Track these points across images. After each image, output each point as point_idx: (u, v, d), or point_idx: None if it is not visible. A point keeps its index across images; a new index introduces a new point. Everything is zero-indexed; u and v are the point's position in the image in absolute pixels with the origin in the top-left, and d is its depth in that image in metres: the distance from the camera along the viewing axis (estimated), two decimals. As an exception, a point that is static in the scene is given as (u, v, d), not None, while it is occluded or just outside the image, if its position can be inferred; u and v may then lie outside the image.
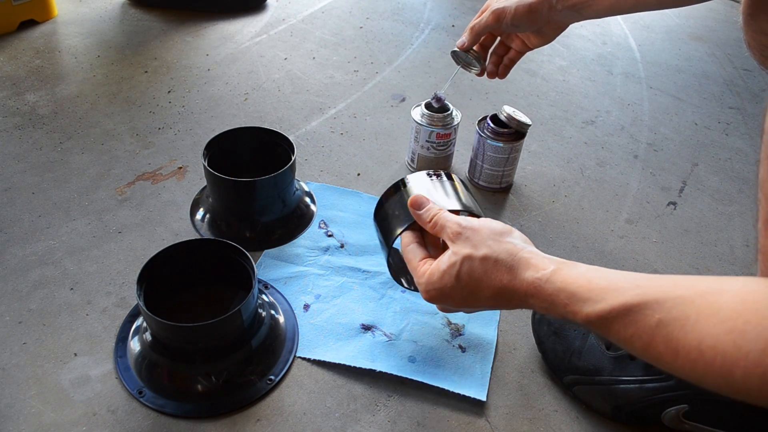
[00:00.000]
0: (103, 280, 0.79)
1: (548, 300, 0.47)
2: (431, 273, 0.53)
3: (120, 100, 1.13)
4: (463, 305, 0.53)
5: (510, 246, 0.50)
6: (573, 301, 0.45)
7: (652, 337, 0.41)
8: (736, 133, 1.20)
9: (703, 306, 0.39)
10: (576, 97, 1.26)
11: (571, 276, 0.46)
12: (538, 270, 0.48)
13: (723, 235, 0.95)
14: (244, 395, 0.67)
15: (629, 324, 0.42)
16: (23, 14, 1.30)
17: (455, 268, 0.51)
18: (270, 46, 1.34)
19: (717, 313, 0.38)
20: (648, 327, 0.41)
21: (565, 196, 1.00)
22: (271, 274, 0.81)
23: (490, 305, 0.52)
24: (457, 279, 0.51)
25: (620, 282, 0.44)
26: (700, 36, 1.57)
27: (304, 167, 1.00)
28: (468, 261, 0.50)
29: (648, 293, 0.42)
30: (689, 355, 0.39)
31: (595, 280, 0.45)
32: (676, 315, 0.40)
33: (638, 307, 0.41)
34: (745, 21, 0.62)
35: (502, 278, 0.49)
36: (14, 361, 0.69)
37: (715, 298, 0.39)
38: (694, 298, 0.40)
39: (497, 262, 0.49)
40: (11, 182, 0.92)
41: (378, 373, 0.70)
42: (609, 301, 0.43)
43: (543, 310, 0.48)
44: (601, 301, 0.43)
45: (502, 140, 0.93)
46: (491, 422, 0.67)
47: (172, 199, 0.92)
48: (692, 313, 0.39)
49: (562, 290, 0.46)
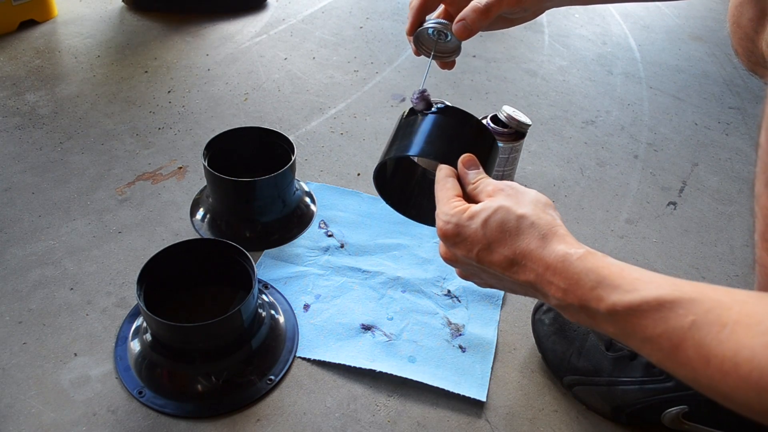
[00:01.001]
0: (103, 280, 0.79)
1: (573, 279, 0.43)
2: (462, 209, 0.49)
3: (120, 100, 1.13)
4: (472, 258, 0.49)
5: (551, 218, 0.47)
6: (602, 285, 0.41)
7: (683, 339, 0.37)
8: (736, 133, 1.20)
9: (743, 314, 0.36)
10: (576, 97, 1.26)
11: (605, 261, 0.43)
12: (572, 246, 0.45)
13: (723, 235, 0.95)
14: (244, 395, 0.67)
15: (660, 321, 0.39)
16: (23, 14, 1.30)
17: (486, 213, 0.47)
18: (270, 46, 1.34)
19: (758, 324, 0.35)
20: (680, 327, 0.38)
21: (565, 196, 1.00)
22: (271, 274, 0.81)
23: (501, 267, 0.47)
24: (484, 225, 0.47)
25: (655, 277, 0.41)
26: (700, 36, 1.57)
27: (304, 167, 1.00)
28: (503, 212, 0.47)
29: (685, 291, 0.39)
30: (722, 365, 0.35)
31: (628, 269, 0.42)
32: (713, 319, 0.37)
33: (673, 304, 0.38)
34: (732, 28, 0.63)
35: (530, 243, 0.46)
36: (14, 361, 0.69)
37: (756, 308, 0.36)
38: (732, 305, 0.37)
39: (533, 225, 0.46)
40: (11, 182, 0.92)
41: (378, 373, 0.70)
42: (642, 293, 0.40)
43: (559, 291, 0.44)
44: (632, 291, 0.40)
45: (502, 140, 0.93)
46: (491, 422, 0.67)
47: (172, 199, 0.92)
48: (730, 320, 0.36)
49: (592, 271, 0.42)
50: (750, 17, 0.60)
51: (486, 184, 0.51)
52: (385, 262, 0.84)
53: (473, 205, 0.49)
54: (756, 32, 0.59)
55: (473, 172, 0.53)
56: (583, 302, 0.42)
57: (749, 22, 0.60)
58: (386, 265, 0.83)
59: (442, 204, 0.51)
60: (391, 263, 0.84)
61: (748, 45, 0.61)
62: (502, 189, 0.49)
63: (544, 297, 0.46)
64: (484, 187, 0.51)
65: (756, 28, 0.59)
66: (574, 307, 0.43)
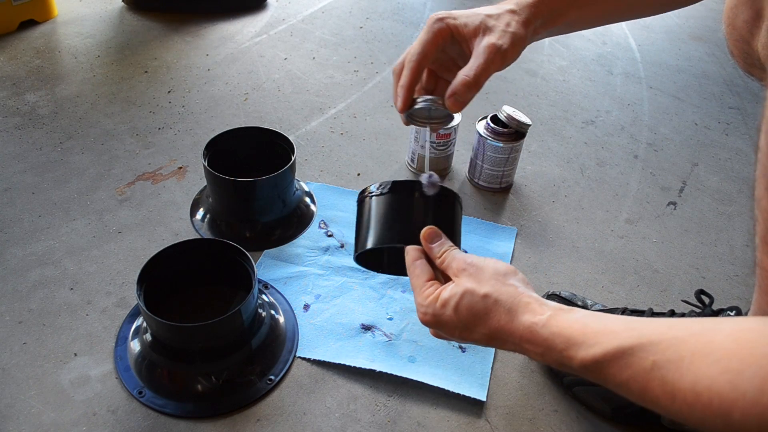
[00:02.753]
0: (103, 280, 0.79)
1: (543, 345, 0.46)
2: (433, 298, 0.52)
3: (120, 100, 1.13)
4: (456, 336, 0.52)
5: (512, 288, 0.50)
6: (568, 345, 0.44)
7: (648, 380, 0.40)
8: (736, 133, 1.20)
9: (698, 346, 0.38)
10: (576, 97, 1.26)
11: (567, 321, 0.46)
12: (536, 314, 0.47)
13: (723, 235, 0.95)
14: (244, 395, 0.67)
15: (624, 367, 0.41)
16: (23, 14, 1.30)
17: (455, 299, 0.50)
18: (270, 46, 1.34)
19: (711, 353, 0.37)
20: (643, 370, 0.40)
21: (565, 196, 1.00)
22: (271, 274, 0.81)
23: (484, 343, 0.51)
24: (456, 311, 0.50)
25: (614, 325, 0.43)
26: (700, 36, 1.57)
27: (304, 167, 1.00)
28: (469, 295, 0.50)
29: (642, 335, 0.41)
30: (686, 397, 0.37)
31: (591, 324, 0.44)
32: (671, 356, 0.39)
33: (632, 349, 0.41)
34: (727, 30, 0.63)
35: (500, 318, 0.49)
36: (14, 361, 0.69)
37: (709, 337, 0.38)
38: (687, 338, 0.39)
39: (497, 302, 0.49)
40: (11, 182, 0.92)
41: (378, 373, 0.70)
42: (603, 345, 0.42)
43: (538, 356, 0.47)
44: (595, 345, 0.43)
45: (502, 140, 0.93)
46: (491, 422, 0.67)
47: (172, 199, 0.92)
48: (687, 353, 0.38)
49: (558, 335, 0.45)
50: (745, 19, 0.59)
51: (451, 259, 0.53)
52: (385, 262, 0.84)
53: (443, 291, 0.52)
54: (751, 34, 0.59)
55: (437, 245, 0.55)
56: (559, 362, 0.45)
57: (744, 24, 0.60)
58: (386, 265, 0.83)
59: (416, 294, 0.54)
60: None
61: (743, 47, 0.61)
62: (464, 269, 0.52)
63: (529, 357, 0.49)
64: (449, 263, 0.53)
65: (751, 30, 0.59)
66: (553, 364, 0.47)
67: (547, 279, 0.84)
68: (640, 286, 0.85)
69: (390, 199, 0.59)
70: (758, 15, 0.57)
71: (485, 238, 0.89)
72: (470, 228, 0.91)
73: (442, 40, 0.61)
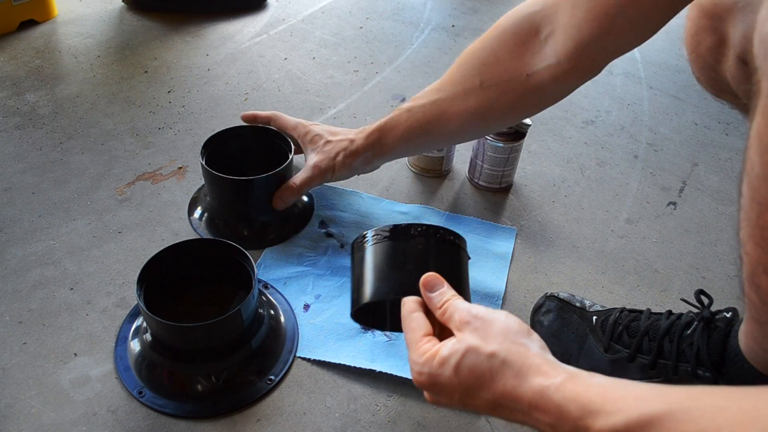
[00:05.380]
0: (103, 280, 0.79)
1: (555, 412, 0.40)
2: (430, 355, 0.46)
3: (120, 100, 1.13)
4: (456, 402, 0.46)
5: (523, 349, 0.44)
6: (584, 413, 0.38)
7: None
8: (736, 133, 1.20)
9: (738, 414, 0.33)
10: (576, 97, 1.26)
11: (584, 385, 0.40)
12: (548, 377, 0.41)
13: (723, 235, 0.95)
14: (244, 395, 0.67)
15: None
16: (23, 14, 1.30)
17: (456, 358, 0.44)
18: (270, 46, 1.34)
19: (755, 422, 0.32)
20: None
21: (565, 196, 1.00)
22: (271, 274, 0.81)
23: (487, 411, 0.44)
24: (456, 371, 0.44)
25: (640, 390, 0.38)
26: (700, 36, 1.57)
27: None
28: (473, 354, 0.44)
29: (673, 401, 0.35)
30: None
31: (611, 389, 0.39)
32: (706, 425, 0.33)
33: (660, 418, 0.35)
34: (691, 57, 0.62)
35: (506, 382, 0.42)
36: (14, 361, 0.69)
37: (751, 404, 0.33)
38: (729, 405, 0.33)
39: (505, 363, 0.43)
40: (11, 182, 0.92)
41: (378, 373, 0.70)
42: (626, 412, 0.36)
43: (549, 428, 0.40)
44: (616, 413, 0.37)
45: (502, 140, 0.93)
46: (491, 422, 0.67)
47: (172, 199, 0.92)
48: (727, 422, 0.32)
49: (573, 400, 0.39)
50: (708, 46, 0.59)
51: (453, 309, 0.48)
52: (385, 262, 0.84)
53: (443, 348, 0.46)
54: (717, 61, 0.58)
55: (437, 293, 0.50)
56: None
57: (708, 51, 0.59)
58: (386, 265, 0.83)
59: (411, 351, 0.48)
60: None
61: (710, 74, 0.60)
62: (468, 322, 0.46)
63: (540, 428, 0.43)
64: (451, 313, 0.48)
65: (717, 58, 0.58)
66: None
67: (547, 279, 0.84)
68: (640, 286, 0.85)
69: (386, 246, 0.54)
70: (722, 41, 0.56)
71: (485, 238, 0.89)
72: (470, 228, 0.91)
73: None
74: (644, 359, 0.65)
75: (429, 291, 0.51)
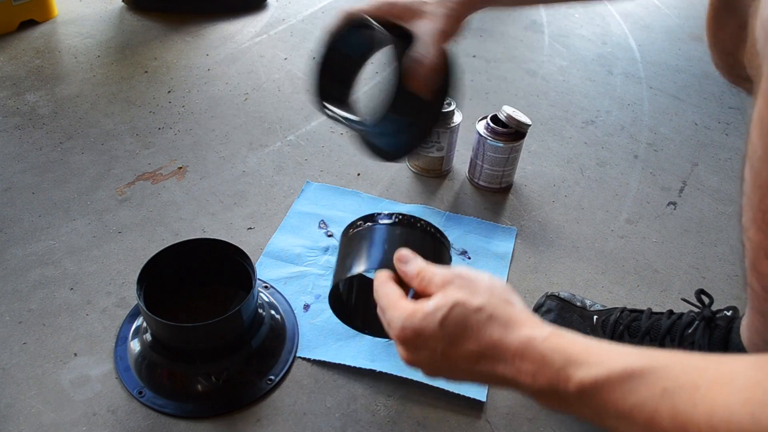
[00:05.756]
0: (103, 280, 0.79)
1: (539, 361, 0.41)
2: (413, 311, 0.45)
3: (120, 100, 1.13)
4: (438, 359, 0.46)
5: (509, 305, 0.45)
6: (568, 363, 0.39)
7: (656, 409, 0.35)
8: (736, 133, 1.20)
9: (718, 373, 0.34)
10: (576, 97, 1.26)
11: (571, 339, 0.41)
12: (535, 329, 0.42)
13: (723, 235, 0.95)
14: (244, 395, 0.67)
15: (629, 393, 0.36)
16: (23, 14, 1.30)
17: (441, 312, 0.44)
18: (270, 46, 1.34)
19: (731, 382, 0.33)
20: (651, 397, 0.36)
21: (565, 196, 1.00)
22: (271, 274, 0.81)
23: (469, 365, 0.45)
24: (442, 324, 0.44)
25: (624, 349, 0.39)
26: (700, 36, 1.57)
27: (304, 167, 1.00)
28: (460, 307, 0.44)
29: (653, 358, 0.37)
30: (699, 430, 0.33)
31: (597, 345, 0.40)
32: (685, 383, 0.35)
33: (642, 372, 0.36)
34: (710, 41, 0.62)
35: (492, 333, 0.43)
36: (14, 361, 0.69)
37: (729, 366, 0.35)
38: (707, 366, 0.35)
39: (492, 316, 0.43)
40: (11, 182, 0.92)
41: (378, 373, 0.70)
42: (608, 365, 0.38)
43: (529, 377, 0.41)
44: (598, 364, 0.38)
45: (502, 140, 0.93)
46: (491, 422, 0.67)
47: (172, 199, 0.92)
48: (703, 381, 0.34)
49: (557, 351, 0.40)
50: (730, 32, 0.58)
51: (432, 273, 0.48)
52: (385, 262, 0.84)
53: (425, 303, 0.45)
54: (736, 46, 0.58)
55: (411, 264, 0.49)
56: (552, 384, 0.40)
57: (728, 36, 0.58)
58: (386, 265, 0.83)
59: (391, 309, 0.47)
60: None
61: (729, 60, 0.60)
62: (451, 281, 0.46)
63: (516, 386, 0.43)
64: (430, 278, 0.47)
65: (736, 43, 0.58)
66: (545, 391, 0.41)
67: (547, 279, 0.84)
68: (640, 286, 0.85)
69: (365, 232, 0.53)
70: (742, 27, 0.56)
71: (485, 238, 0.89)
72: (470, 228, 0.91)
73: None
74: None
75: (403, 263, 0.50)
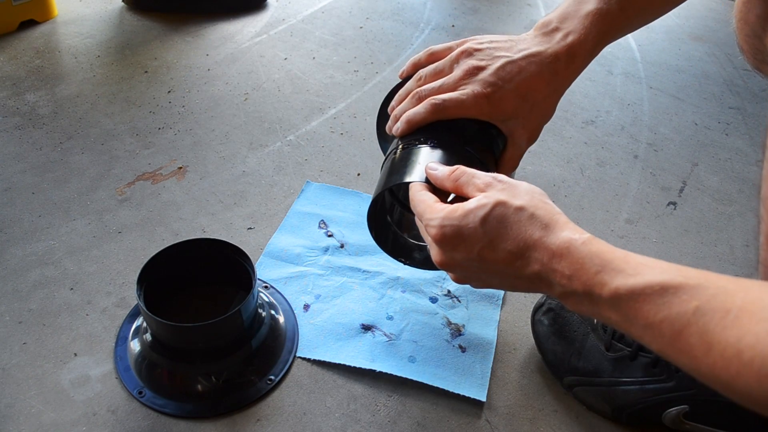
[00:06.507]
0: (103, 280, 0.79)
1: (578, 264, 0.41)
2: (453, 209, 0.46)
3: (120, 100, 1.13)
4: (474, 259, 0.46)
5: (549, 206, 0.46)
6: (605, 269, 0.40)
7: (686, 325, 0.36)
8: (736, 133, 1.20)
9: (748, 300, 0.35)
10: (576, 97, 1.26)
11: (609, 247, 0.42)
12: (576, 232, 0.43)
13: (723, 235, 0.95)
14: (244, 395, 0.67)
15: (662, 306, 0.37)
16: (23, 14, 1.30)
17: (484, 210, 0.45)
18: (270, 46, 1.34)
19: (762, 310, 0.34)
20: (683, 313, 0.37)
21: (565, 196, 1.00)
22: (271, 274, 0.81)
23: (504, 267, 0.45)
24: (483, 222, 0.45)
25: (660, 263, 0.40)
26: (700, 36, 1.57)
27: (304, 167, 1.00)
28: (501, 207, 0.45)
29: (690, 277, 0.38)
30: (725, 352, 0.34)
31: (634, 256, 0.41)
32: (717, 305, 0.36)
33: (677, 289, 0.37)
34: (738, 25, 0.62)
35: (533, 233, 0.44)
36: (14, 361, 0.69)
37: (761, 294, 0.35)
38: (737, 291, 0.36)
39: (533, 216, 0.44)
40: (11, 182, 0.92)
41: (378, 373, 0.70)
42: (645, 277, 0.39)
43: (565, 278, 0.42)
44: (636, 275, 0.39)
45: (502, 140, 0.93)
46: (491, 422, 0.67)
47: (172, 199, 0.92)
48: (735, 306, 0.35)
49: (597, 255, 0.41)
50: (758, 14, 0.59)
51: (470, 176, 0.48)
52: (385, 262, 0.84)
53: (464, 204, 0.46)
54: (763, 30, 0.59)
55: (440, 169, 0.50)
56: (587, 287, 0.41)
57: (757, 19, 0.59)
58: (386, 265, 0.83)
59: (429, 212, 0.48)
60: (391, 263, 0.83)
61: (754, 42, 0.60)
62: (491, 184, 0.47)
63: (548, 287, 0.44)
64: (468, 180, 0.48)
65: (764, 26, 0.58)
66: (578, 293, 0.42)
67: (547, 279, 0.84)
68: (640, 286, 0.84)
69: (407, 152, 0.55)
70: None
71: (485, 238, 0.89)
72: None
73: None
74: (646, 357, 0.65)
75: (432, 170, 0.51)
